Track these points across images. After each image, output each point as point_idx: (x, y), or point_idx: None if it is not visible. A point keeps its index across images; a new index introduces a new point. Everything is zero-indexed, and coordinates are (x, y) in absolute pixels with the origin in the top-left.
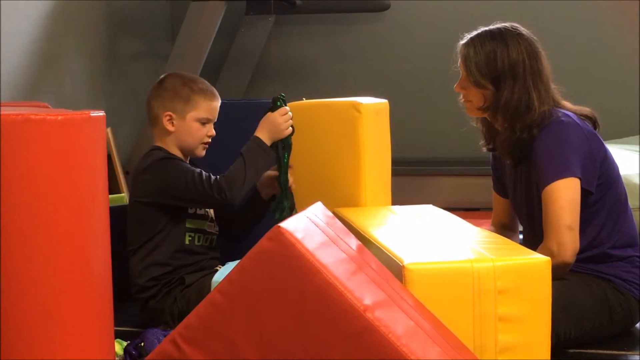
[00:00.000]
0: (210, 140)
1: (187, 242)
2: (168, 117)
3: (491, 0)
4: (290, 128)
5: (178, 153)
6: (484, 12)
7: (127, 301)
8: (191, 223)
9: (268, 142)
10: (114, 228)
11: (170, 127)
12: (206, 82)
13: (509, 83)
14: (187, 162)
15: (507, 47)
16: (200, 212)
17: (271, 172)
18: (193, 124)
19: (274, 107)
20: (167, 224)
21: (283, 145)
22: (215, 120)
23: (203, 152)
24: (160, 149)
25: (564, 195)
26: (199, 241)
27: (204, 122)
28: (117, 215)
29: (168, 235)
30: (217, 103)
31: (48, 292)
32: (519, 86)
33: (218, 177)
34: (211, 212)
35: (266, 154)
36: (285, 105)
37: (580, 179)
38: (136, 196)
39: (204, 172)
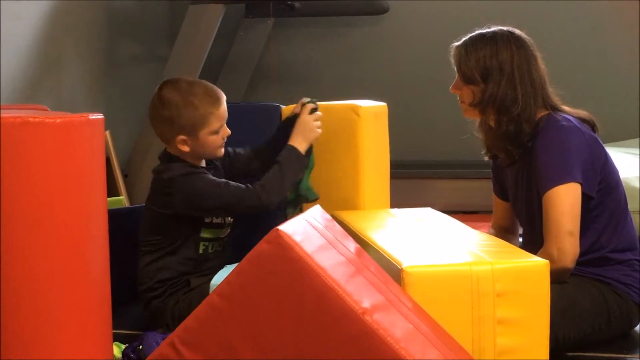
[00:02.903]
0: (226, 139)
1: (200, 251)
2: (181, 141)
3: (490, 1)
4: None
5: (197, 161)
6: (483, 14)
7: (126, 304)
8: (207, 232)
9: (303, 148)
10: (112, 231)
11: (185, 149)
12: (205, 84)
13: (497, 78)
14: (205, 163)
15: (497, 47)
16: (217, 220)
17: None
18: (208, 138)
19: (308, 111)
20: (183, 234)
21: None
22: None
23: (222, 152)
24: (180, 160)
25: (565, 201)
26: (212, 249)
27: (217, 130)
28: (115, 218)
29: (183, 244)
30: (224, 103)
31: (46, 294)
32: (505, 80)
33: (253, 184)
34: (229, 218)
35: (301, 162)
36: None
37: (581, 184)
38: (154, 205)
39: (231, 182)
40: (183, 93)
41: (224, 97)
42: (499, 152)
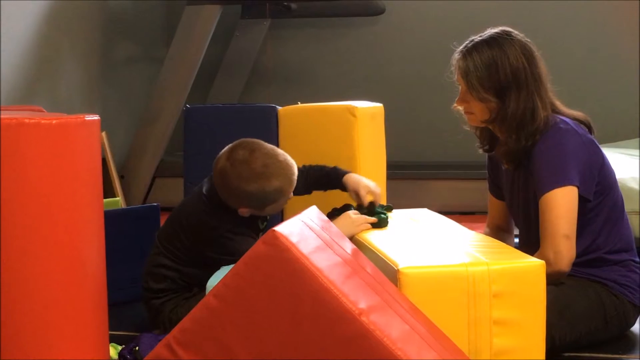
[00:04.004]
0: None
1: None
2: (244, 211)
3: (487, 1)
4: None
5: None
6: (479, 14)
7: (122, 305)
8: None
9: None
10: (108, 232)
11: (245, 214)
12: (281, 160)
13: (514, 93)
14: None
15: (505, 54)
16: None
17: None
18: (272, 209)
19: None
20: (203, 264)
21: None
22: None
23: None
24: (232, 213)
25: (562, 204)
26: None
27: (284, 203)
28: (112, 219)
29: (199, 270)
30: (296, 176)
31: (42, 295)
32: (523, 95)
33: None
34: None
35: None
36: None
37: (578, 187)
38: (188, 226)
39: None
40: (257, 175)
41: (296, 171)
42: (509, 163)
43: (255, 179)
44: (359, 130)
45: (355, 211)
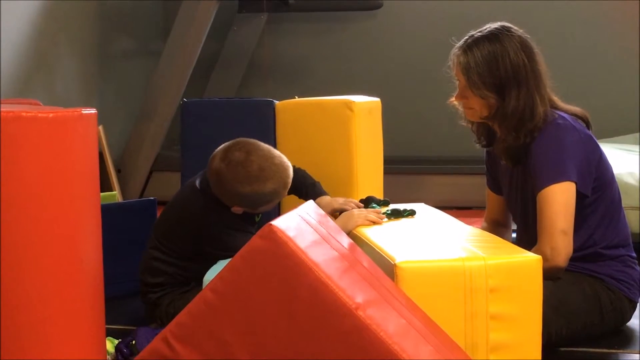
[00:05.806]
0: None
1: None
2: (237, 209)
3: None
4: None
5: None
6: (477, 10)
7: (118, 299)
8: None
9: None
10: (105, 226)
11: (238, 212)
12: (276, 163)
13: (514, 91)
14: None
15: (506, 50)
16: None
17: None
18: (265, 209)
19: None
20: (198, 259)
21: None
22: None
23: None
24: (227, 208)
25: (559, 200)
26: None
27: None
28: (108, 213)
29: (196, 263)
30: (290, 178)
31: (39, 290)
32: (524, 92)
33: None
34: None
35: None
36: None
37: (575, 182)
38: (186, 222)
39: None
40: (253, 178)
41: (291, 173)
42: (507, 160)
43: (251, 182)
44: (356, 125)
45: (362, 208)
